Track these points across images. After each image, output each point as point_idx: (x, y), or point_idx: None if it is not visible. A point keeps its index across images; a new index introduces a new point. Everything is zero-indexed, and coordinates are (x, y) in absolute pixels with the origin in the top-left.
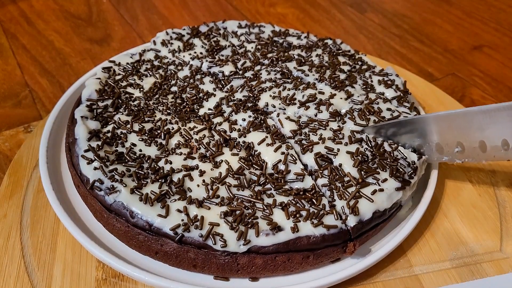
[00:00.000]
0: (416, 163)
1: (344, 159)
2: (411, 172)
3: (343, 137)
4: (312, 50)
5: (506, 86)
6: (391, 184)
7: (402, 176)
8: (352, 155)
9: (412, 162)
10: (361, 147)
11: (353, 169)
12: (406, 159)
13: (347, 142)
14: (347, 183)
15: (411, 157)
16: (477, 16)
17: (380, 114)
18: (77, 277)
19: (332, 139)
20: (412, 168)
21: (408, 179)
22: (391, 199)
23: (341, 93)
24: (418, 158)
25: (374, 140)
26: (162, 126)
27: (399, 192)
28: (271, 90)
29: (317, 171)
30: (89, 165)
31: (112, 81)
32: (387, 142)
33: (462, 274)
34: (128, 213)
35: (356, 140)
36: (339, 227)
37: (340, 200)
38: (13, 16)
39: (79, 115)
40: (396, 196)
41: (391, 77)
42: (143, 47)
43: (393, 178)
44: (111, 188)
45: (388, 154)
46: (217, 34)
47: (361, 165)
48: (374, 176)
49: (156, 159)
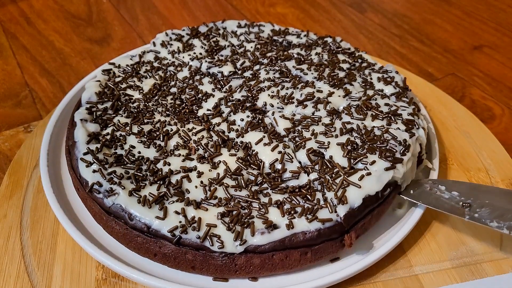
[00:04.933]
0: (408, 141)
1: (334, 151)
2: (403, 149)
3: (334, 130)
4: (311, 49)
5: (506, 86)
6: (380, 166)
7: (392, 155)
8: (343, 146)
9: (403, 140)
10: (352, 136)
11: (342, 159)
12: (397, 138)
13: (337, 134)
14: (336, 174)
15: (402, 136)
16: (477, 16)
17: (378, 109)
18: (77, 277)
19: (324, 133)
20: (404, 145)
21: (400, 156)
22: (381, 181)
23: (339, 91)
24: (410, 136)
25: (365, 128)
26: (161, 128)
27: (389, 172)
28: (270, 89)
29: (309, 167)
30: (88, 168)
31: (112, 84)
32: (377, 127)
33: (462, 274)
34: (127, 216)
35: (347, 130)
36: (334, 220)
37: (329, 191)
38: (13, 16)
39: (78, 118)
40: (386, 177)
41: (391, 74)
42: (143, 48)
43: (382, 158)
44: (109, 190)
45: (377, 137)
46: (216, 34)
47: (350, 154)
48: (362, 161)
49: (155, 161)
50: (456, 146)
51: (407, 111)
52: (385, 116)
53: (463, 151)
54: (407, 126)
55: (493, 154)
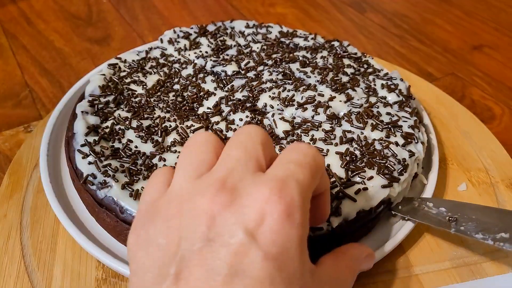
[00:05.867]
0: (407, 161)
1: (332, 159)
2: (401, 169)
3: (334, 137)
4: (317, 52)
5: (506, 86)
6: (377, 182)
7: (390, 173)
8: (342, 155)
9: (402, 159)
10: (351, 146)
11: (340, 170)
12: (397, 156)
13: (337, 143)
14: (332, 184)
15: (402, 155)
16: (477, 16)
17: (378, 118)
18: (77, 277)
19: (323, 139)
20: (403, 165)
21: (398, 175)
22: (376, 198)
23: (341, 95)
24: (410, 156)
25: (365, 139)
26: (160, 124)
27: (385, 190)
28: (271, 90)
29: None
30: (84, 160)
31: (117, 78)
32: (377, 141)
33: (462, 274)
34: (118, 208)
35: (347, 140)
36: (324, 229)
37: None
38: (13, 16)
39: (79, 110)
40: (382, 194)
41: (395, 81)
42: (150, 45)
43: (380, 175)
44: (103, 183)
45: (378, 152)
46: (224, 34)
47: (349, 165)
48: (360, 174)
49: (151, 156)
50: (456, 146)
51: (408, 123)
52: (385, 127)
53: (463, 151)
54: (406, 140)
55: (493, 154)
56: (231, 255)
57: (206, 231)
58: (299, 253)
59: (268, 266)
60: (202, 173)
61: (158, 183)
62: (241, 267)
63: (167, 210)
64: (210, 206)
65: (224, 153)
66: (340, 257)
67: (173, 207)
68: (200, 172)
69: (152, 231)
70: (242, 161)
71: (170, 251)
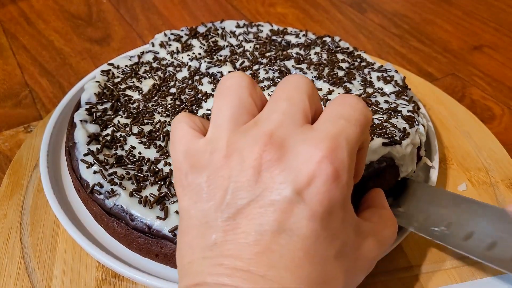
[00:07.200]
0: (408, 130)
1: None
2: (402, 135)
3: None
4: (310, 48)
5: (506, 86)
6: (377, 141)
7: (392, 137)
8: None
9: (403, 128)
10: None
11: None
12: (397, 126)
13: None
14: None
15: (403, 125)
16: (477, 16)
17: (378, 105)
18: (77, 277)
19: None
20: (403, 133)
21: (399, 139)
22: (377, 153)
23: (339, 89)
24: (410, 126)
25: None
26: (161, 128)
27: (386, 147)
28: (269, 89)
29: None
30: (89, 169)
31: (111, 84)
32: (376, 119)
33: (462, 274)
34: (128, 216)
35: None
36: None
37: None
38: (13, 16)
39: (78, 119)
40: (382, 151)
41: (390, 73)
42: (142, 49)
43: (380, 137)
44: (110, 191)
45: (376, 125)
46: (215, 34)
47: None
48: None
49: (156, 161)
50: (456, 146)
51: (407, 109)
52: (385, 112)
53: (463, 151)
54: (407, 121)
55: (493, 154)
56: (278, 212)
57: (254, 185)
58: (343, 211)
59: (313, 225)
60: (244, 122)
61: (188, 131)
62: (288, 225)
63: (212, 161)
64: (259, 161)
65: (269, 103)
66: (382, 212)
67: (219, 158)
68: (242, 120)
69: (199, 180)
70: (289, 114)
71: (217, 202)
